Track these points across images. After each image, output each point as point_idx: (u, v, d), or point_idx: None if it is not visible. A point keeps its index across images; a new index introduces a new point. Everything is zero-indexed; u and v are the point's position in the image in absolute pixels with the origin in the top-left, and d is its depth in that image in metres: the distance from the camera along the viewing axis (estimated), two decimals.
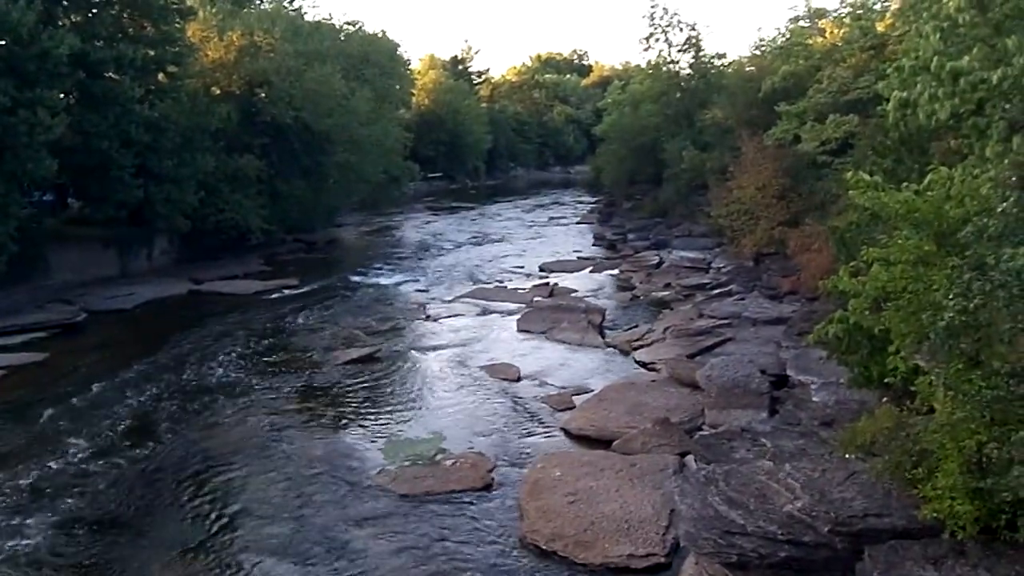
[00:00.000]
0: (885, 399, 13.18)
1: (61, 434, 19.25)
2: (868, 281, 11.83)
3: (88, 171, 34.67)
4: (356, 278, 37.92)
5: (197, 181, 38.02)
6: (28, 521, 15.13)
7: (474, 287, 34.20)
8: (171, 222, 38.08)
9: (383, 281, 37.22)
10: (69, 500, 15.94)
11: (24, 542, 14.42)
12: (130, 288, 35.30)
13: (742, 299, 27.93)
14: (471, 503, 14.82)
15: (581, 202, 69.26)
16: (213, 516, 15.05)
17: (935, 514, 9.48)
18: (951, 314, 9.50)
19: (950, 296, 9.69)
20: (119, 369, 24.05)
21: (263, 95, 44.02)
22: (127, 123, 34.54)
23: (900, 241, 11.35)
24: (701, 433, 16.76)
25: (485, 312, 29.70)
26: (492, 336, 26.24)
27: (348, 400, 20.82)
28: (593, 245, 46.02)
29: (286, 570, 13.17)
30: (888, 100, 16.19)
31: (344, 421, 19.33)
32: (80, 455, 17.98)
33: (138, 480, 16.78)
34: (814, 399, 17.05)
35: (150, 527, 14.93)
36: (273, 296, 34.63)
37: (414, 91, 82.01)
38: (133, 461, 17.64)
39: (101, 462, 17.60)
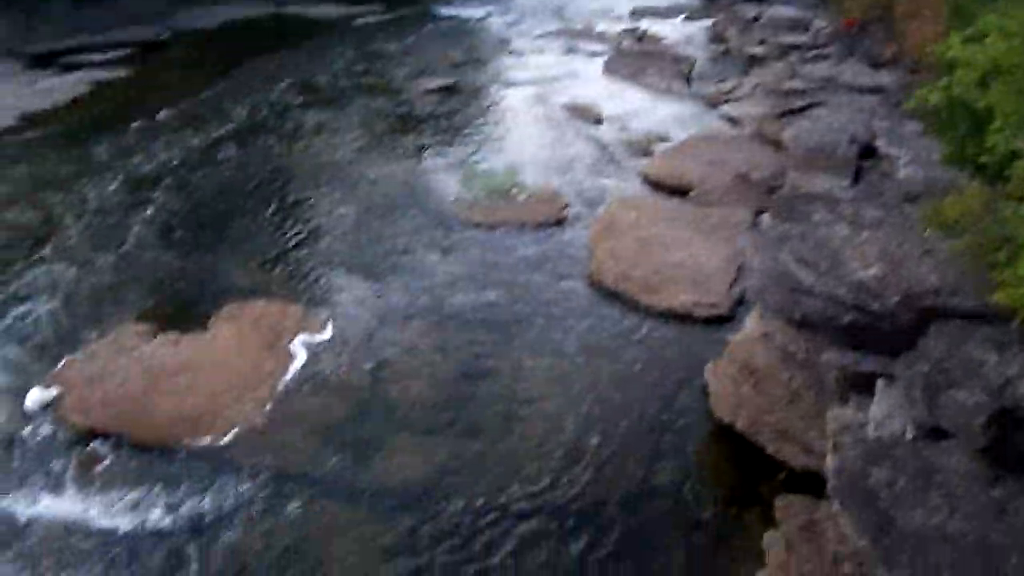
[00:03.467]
0: (976, 181, 12.81)
1: (148, 146, 19.72)
2: (980, 51, 11.22)
3: None
4: (442, 9, 37.03)
5: None
6: (119, 224, 15.81)
7: (561, 26, 33.27)
8: None
9: (469, 13, 36.31)
10: (157, 207, 16.56)
11: (116, 244, 15.11)
12: (214, 8, 35.01)
13: (839, 64, 26.87)
14: (543, 238, 15.00)
15: None
16: (292, 230, 15.52)
17: (1009, 301, 9.34)
18: None
19: None
20: (203, 87, 24.26)
21: None
22: None
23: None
24: (780, 193, 16.56)
25: (571, 52, 29.01)
26: (576, 76, 25.67)
27: (429, 129, 20.81)
28: None
29: (357, 283, 13.64)
30: None
31: (424, 149, 19.38)
32: (167, 166, 18.50)
33: (223, 192, 17.30)
34: (901, 173, 16.63)
35: (233, 237, 15.47)
36: (357, 22, 34.19)
37: None
38: (218, 175, 18.14)
39: (187, 175, 18.11)
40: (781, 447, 9.64)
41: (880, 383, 8.96)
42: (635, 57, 27.50)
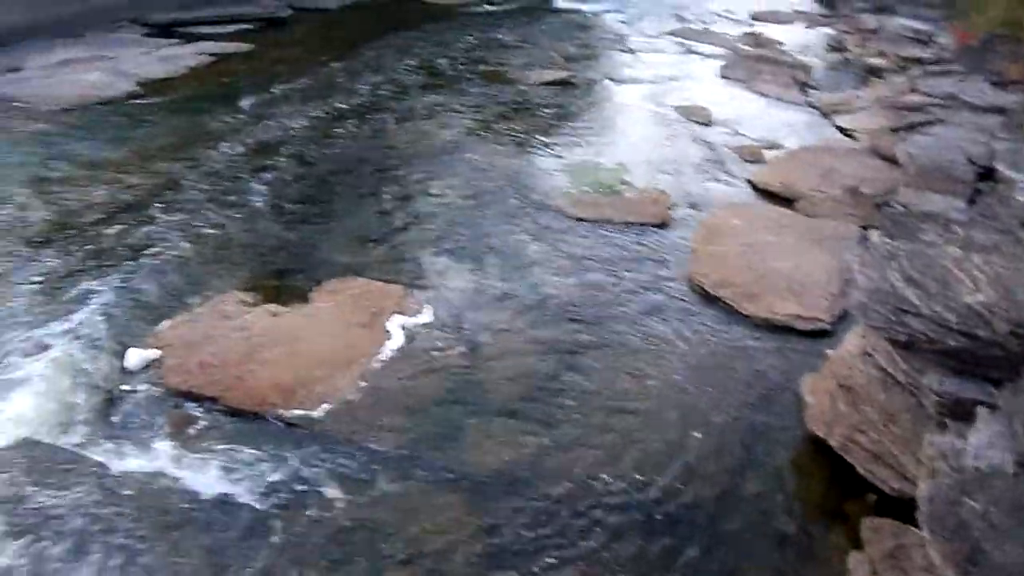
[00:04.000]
0: None
1: (262, 119, 20.22)
2: None
3: None
4: (560, 2, 37.04)
5: None
6: (229, 193, 16.26)
7: (679, 26, 33.03)
8: None
9: (586, 8, 36.25)
10: (267, 179, 16.98)
11: (225, 213, 15.51)
12: None
13: (961, 80, 26.18)
14: (646, 237, 14.93)
15: None
16: (396, 213, 15.71)
17: None
18: None
19: None
20: (321, 65, 24.74)
21: None
22: None
23: None
24: (891, 209, 16.20)
25: (687, 52, 28.79)
26: (690, 78, 25.46)
27: (538, 121, 20.85)
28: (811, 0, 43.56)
29: (458, 268, 13.76)
30: None
31: (532, 140, 19.43)
32: (279, 139, 18.97)
33: (333, 168, 17.65)
34: (1019, 197, 16.18)
35: (340, 213, 15.76)
36: (474, 10, 34.47)
37: None
38: (330, 151, 18.51)
39: (298, 149, 18.52)
40: (874, 468, 9.45)
41: (982, 412, 8.71)
42: (751, 61, 27.18)
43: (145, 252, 13.98)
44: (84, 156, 17.86)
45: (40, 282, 13.04)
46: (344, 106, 21.56)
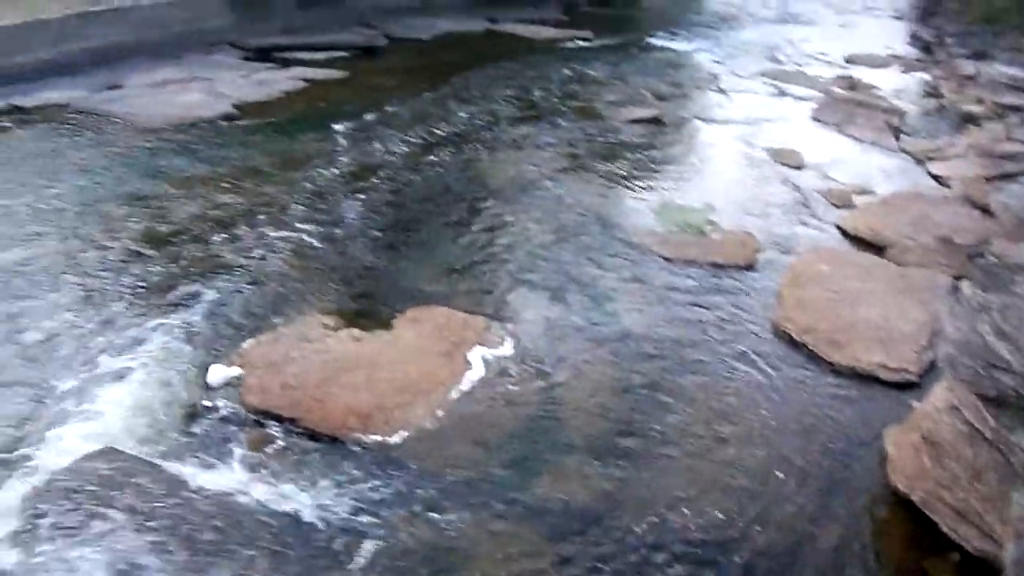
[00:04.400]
0: None
1: (354, 145, 20.58)
2: None
3: None
4: (651, 39, 37.01)
5: None
6: (316, 216, 16.52)
7: (771, 67, 32.73)
8: None
9: (678, 46, 36.20)
10: (355, 204, 17.26)
11: (312, 235, 15.77)
12: (429, 20, 36.37)
13: None
14: (731, 279, 14.78)
15: None
16: (482, 244, 15.81)
17: None
18: None
19: None
20: (412, 94, 25.07)
21: None
22: None
23: None
24: (984, 260, 15.88)
25: (779, 94, 28.53)
26: (782, 119, 25.21)
27: (626, 157, 20.80)
28: (907, 44, 42.80)
29: (541, 302, 13.77)
30: None
31: (619, 177, 19.40)
32: (369, 166, 19.27)
33: (421, 196, 17.85)
34: None
35: (426, 241, 15.93)
36: (567, 45, 34.65)
37: None
38: (419, 179, 18.74)
39: (388, 176, 18.77)
40: (957, 526, 9.20)
41: None
42: (844, 105, 26.87)
43: (232, 270, 14.27)
44: (178, 174, 18.31)
45: (129, 295, 13.37)
46: (436, 135, 21.81)
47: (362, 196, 17.58)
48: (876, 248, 16.32)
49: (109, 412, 10.61)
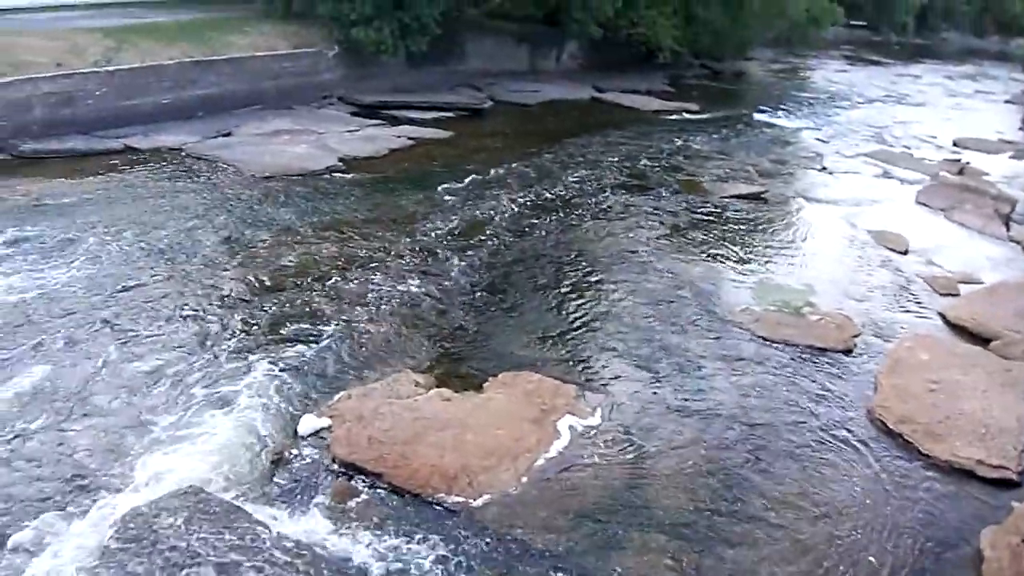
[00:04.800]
0: None
1: (454, 206, 20.90)
2: None
3: None
4: (757, 115, 37.02)
5: None
6: (413, 274, 16.73)
7: (877, 148, 32.40)
8: (583, 28, 38.33)
9: (784, 123, 36.14)
10: (452, 265, 17.44)
11: (408, 293, 15.94)
12: (536, 85, 36.99)
13: None
14: (828, 363, 14.53)
15: (1016, 80, 62.94)
16: (578, 311, 15.85)
17: None
18: None
19: None
20: (514, 159, 25.38)
21: None
22: None
23: None
24: None
25: (884, 176, 28.22)
26: (887, 202, 24.92)
27: (726, 233, 20.75)
28: (1018, 129, 42.07)
29: (632, 374, 13.68)
30: None
31: (718, 252, 19.34)
32: (468, 227, 19.52)
33: (518, 260, 18.03)
34: None
35: (520, 305, 16.03)
36: (672, 117, 34.77)
37: None
38: (516, 243, 18.93)
39: (486, 238, 18.99)
40: None
41: None
42: (953, 189, 26.41)
43: (329, 322, 14.50)
44: (280, 223, 18.74)
45: (228, 340, 13.64)
46: (538, 199, 22.07)
47: (462, 256, 17.78)
48: (979, 339, 15.93)
49: (198, 452, 10.83)
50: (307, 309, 14.86)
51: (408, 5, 30.82)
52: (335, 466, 10.82)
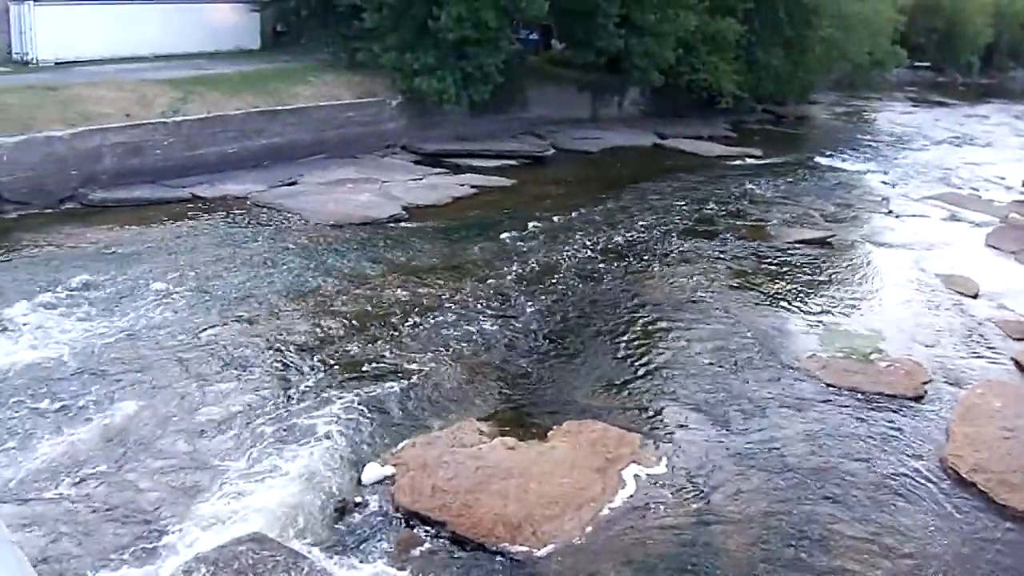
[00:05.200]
0: None
1: (517, 253, 20.97)
2: None
3: (575, 16, 35.52)
4: (821, 159, 36.66)
5: (676, 38, 37.64)
6: (476, 322, 16.80)
7: (945, 190, 31.88)
8: (645, 75, 38.27)
9: (848, 166, 35.77)
10: (516, 313, 17.50)
11: (471, 341, 16.00)
12: (598, 132, 37.09)
13: None
14: (898, 410, 14.25)
15: None
16: (643, 358, 15.77)
17: None
18: None
19: None
20: (577, 206, 25.46)
21: None
22: None
23: None
24: None
25: (953, 218, 27.78)
26: (955, 245, 24.50)
27: (791, 279, 20.58)
28: None
29: (698, 422, 13.54)
30: None
31: (783, 298, 19.18)
32: (531, 275, 19.58)
33: (581, 308, 18.02)
34: None
35: (584, 353, 15.97)
36: (735, 163, 34.60)
37: None
38: (580, 290, 18.95)
39: (549, 286, 19.01)
40: None
41: None
42: (1022, 232, 25.94)
43: (393, 369, 14.60)
44: (345, 271, 18.96)
45: (293, 387, 13.78)
46: (602, 245, 22.10)
47: (526, 303, 17.84)
48: None
49: (264, 498, 10.92)
50: (371, 356, 14.97)
51: (470, 54, 31.12)
52: (399, 515, 10.83)
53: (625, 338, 16.49)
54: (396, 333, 15.89)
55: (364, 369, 14.49)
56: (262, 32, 38.00)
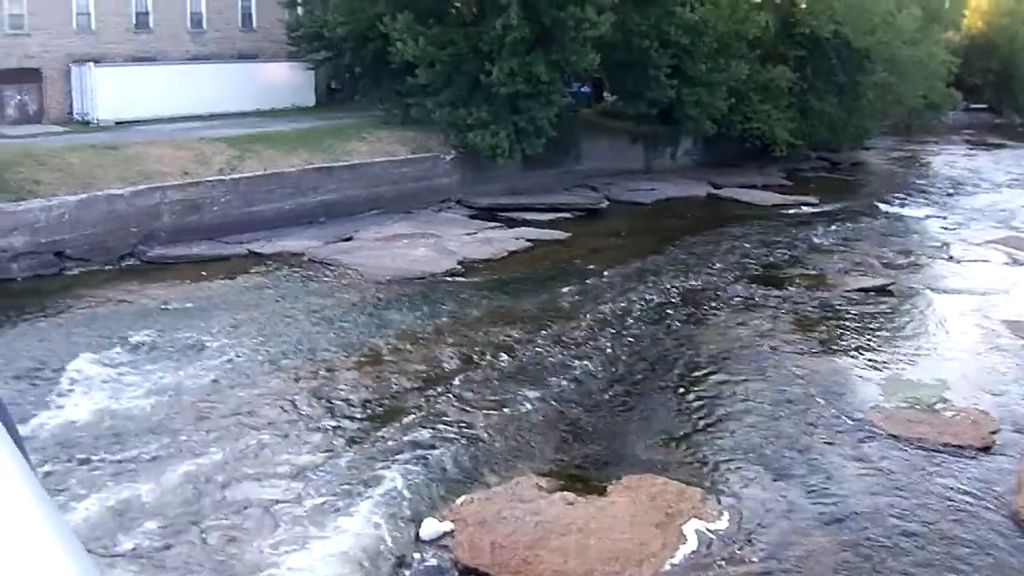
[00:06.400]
0: None
1: (574, 307, 21.00)
2: None
3: (626, 67, 35.99)
4: (878, 205, 36.26)
5: (728, 87, 37.74)
6: (533, 377, 16.83)
7: (1007, 234, 31.30)
8: (698, 125, 38.52)
9: (906, 212, 35.33)
10: (574, 367, 17.37)
11: (528, 395, 15.93)
12: (651, 184, 37.04)
13: None
14: (965, 461, 13.92)
15: None
16: (703, 412, 15.67)
17: None
18: None
19: None
20: (631, 259, 25.43)
21: (803, 6, 42.47)
22: (667, 24, 35.00)
23: None
24: None
25: (1015, 263, 27.25)
26: (1018, 290, 24.03)
27: (852, 328, 20.31)
28: None
29: (760, 476, 13.34)
30: None
31: (844, 349, 18.94)
32: (588, 328, 19.51)
33: (639, 361, 17.95)
34: None
35: (642, 407, 15.93)
36: (790, 211, 34.33)
37: (966, 12, 74.74)
38: (637, 343, 18.86)
39: (606, 339, 18.94)
40: None
41: None
42: None
43: (452, 424, 14.59)
44: (401, 326, 19.07)
45: (350, 442, 13.83)
46: (657, 297, 22.01)
47: (584, 357, 17.77)
48: None
49: (322, 553, 10.92)
50: (430, 411, 15.01)
51: (523, 108, 31.38)
52: (456, 570, 10.76)
53: (684, 390, 16.40)
54: (454, 388, 15.93)
55: (422, 424, 14.53)
56: (316, 89, 38.75)
